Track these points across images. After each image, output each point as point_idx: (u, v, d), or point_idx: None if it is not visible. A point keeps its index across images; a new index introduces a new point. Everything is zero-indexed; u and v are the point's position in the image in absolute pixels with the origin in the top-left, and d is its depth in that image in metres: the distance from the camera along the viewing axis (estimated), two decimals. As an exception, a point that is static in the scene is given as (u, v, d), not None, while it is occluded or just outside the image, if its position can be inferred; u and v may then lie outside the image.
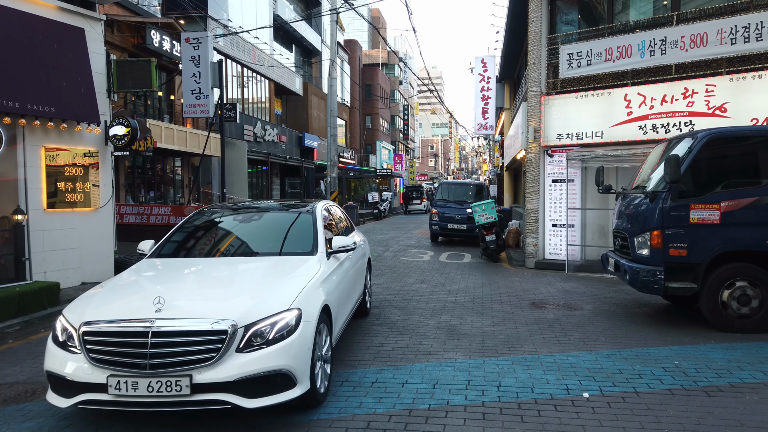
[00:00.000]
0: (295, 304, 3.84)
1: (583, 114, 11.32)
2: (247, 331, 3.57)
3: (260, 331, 3.60)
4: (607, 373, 4.92)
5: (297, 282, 4.17)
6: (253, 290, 4.06)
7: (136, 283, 4.44)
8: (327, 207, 6.15)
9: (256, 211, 5.98)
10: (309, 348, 3.81)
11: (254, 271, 4.60)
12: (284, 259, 4.80)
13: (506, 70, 21.76)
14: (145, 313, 3.57)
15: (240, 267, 4.72)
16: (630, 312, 7.43)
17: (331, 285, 4.71)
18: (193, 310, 3.73)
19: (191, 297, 4.06)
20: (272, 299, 3.85)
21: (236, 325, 3.53)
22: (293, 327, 3.72)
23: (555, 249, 11.82)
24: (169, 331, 3.47)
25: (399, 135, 58.14)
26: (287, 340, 3.65)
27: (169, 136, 16.73)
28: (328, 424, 3.88)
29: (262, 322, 3.64)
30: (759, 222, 6.12)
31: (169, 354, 3.43)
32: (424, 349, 5.69)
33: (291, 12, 30.47)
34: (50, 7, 8.16)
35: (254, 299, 3.84)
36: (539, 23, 12.06)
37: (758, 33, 9.43)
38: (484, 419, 3.95)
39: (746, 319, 6.22)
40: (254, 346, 3.56)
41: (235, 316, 3.57)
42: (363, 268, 6.68)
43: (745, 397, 4.35)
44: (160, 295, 3.69)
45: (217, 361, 3.46)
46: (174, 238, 5.37)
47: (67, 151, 8.43)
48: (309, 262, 4.69)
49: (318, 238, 5.09)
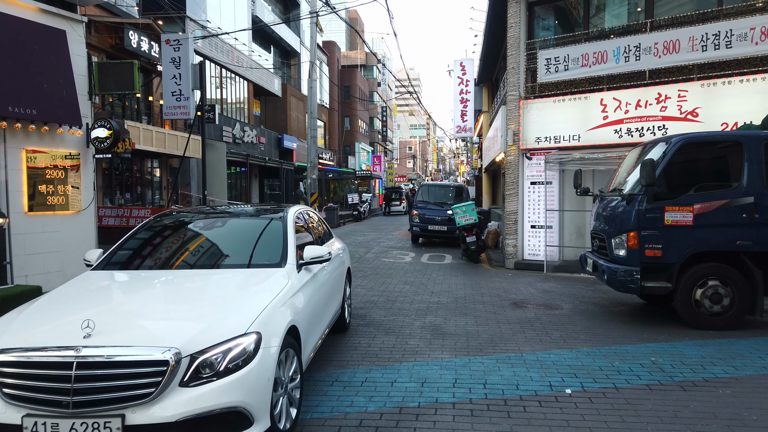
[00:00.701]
0: (254, 328, 3.33)
1: (560, 118, 11.59)
2: (194, 361, 3.05)
3: (210, 361, 3.08)
4: (588, 369, 5.11)
5: (258, 300, 3.67)
6: (205, 311, 3.52)
7: (68, 302, 3.79)
8: (301, 213, 5.63)
9: (222, 216, 5.47)
10: (269, 379, 3.32)
11: (210, 288, 4.04)
12: (247, 272, 4.25)
13: (484, 74, 22.06)
14: (70, 340, 3.03)
15: (194, 282, 4.11)
16: (608, 311, 7.66)
17: (301, 301, 4.22)
18: (129, 336, 3.16)
19: (129, 319, 3.45)
20: (226, 322, 3.33)
21: (180, 354, 3.00)
22: (251, 355, 3.22)
23: (534, 250, 12.07)
24: (98, 361, 2.94)
25: (377, 136, 58.29)
26: (242, 371, 3.14)
27: (147, 138, 16.59)
28: (321, 422, 3.98)
29: (213, 349, 3.11)
30: (730, 223, 6.40)
31: (97, 389, 2.91)
32: (410, 348, 5.82)
33: (269, 13, 30.39)
34: (31, 9, 8.09)
35: (204, 322, 3.31)
36: (518, 28, 12.30)
37: (728, 41, 9.79)
38: (472, 416, 4.09)
39: (718, 317, 6.49)
40: (202, 379, 3.04)
41: (179, 343, 3.05)
42: (341, 279, 6.15)
43: (718, 391, 4.56)
44: (89, 318, 3.12)
45: (156, 397, 2.93)
46: (126, 247, 4.83)
47: (48, 154, 8.36)
48: (275, 275, 4.16)
49: (288, 248, 4.56)
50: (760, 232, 6.34)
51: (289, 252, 4.53)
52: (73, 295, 3.95)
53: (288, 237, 4.71)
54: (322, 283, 5.06)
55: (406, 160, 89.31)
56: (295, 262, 4.49)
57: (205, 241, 5.00)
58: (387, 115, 61.93)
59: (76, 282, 4.25)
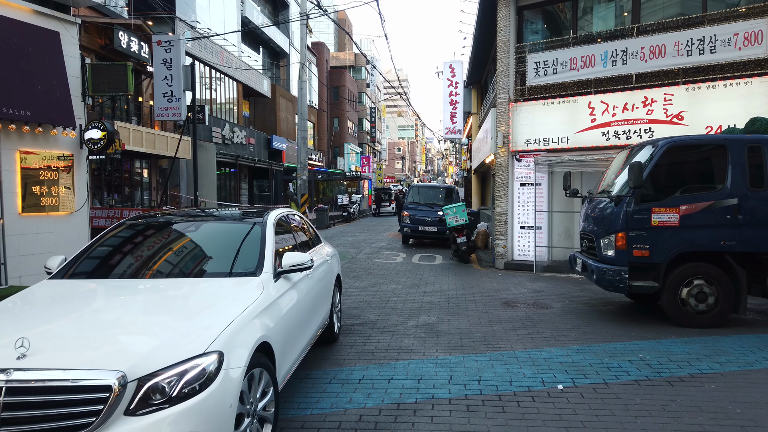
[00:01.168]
0: (216, 346, 2.97)
1: (549, 120, 11.78)
2: (142, 386, 2.69)
3: (161, 386, 2.72)
4: (579, 366, 5.26)
5: (225, 314, 3.31)
6: (160, 327, 3.17)
7: (7, 317, 3.40)
8: (284, 217, 5.26)
9: (196, 221, 5.08)
10: (232, 406, 2.95)
11: (171, 300, 3.66)
12: (217, 282, 3.88)
13: (474, 76, 22.26)
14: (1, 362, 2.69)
15: (154, 294, 3.76)
16: (596, 310, 7.84)
17: (277, 314, 3.87)
18: (69, 357, 2.78)
19: (72, 337, 3.03)
20: (183, 340, 2.97)
21: (125, 378, 2.65)
22: (210, 377, 2.86)
23: (523, 250, 12.25)
24: (30, 387, 2.60)
25: (366, 137, 58.41)
26: (199, 396, 2.78)
27: (137, 139, 16.57)
28: (321, 418, 4.09)
29: (165, 372, 2.75)
30: (714, 224, 6.59)
31: (28, 419, 2.57)
32: (405, 347, 5.94)
33: (259, 14, 30.39)
34: (25, 11, 8.11)
35: (158, 340, 2.97)
36: (507, 32, 12.48)
37: (712, 46, 10.04)
38: (468, 411, 4.22)
39: (703, 315, 6.68)
40: (152, 406, 2.69)
41: (125, 365, 2.69)
42: (329, 287, 5.79)
43: (703, 386, 4.73)
44: (26, 336, 2.78)
45: (96, 428, 2.58)
46: (89, 253, 4.44)
47: (42, 155, 8.38)
48: (248, 285, 3.82)
49: (264, 256, 4.19)
50: (744, 233, 6.55)
51: (265, 259, 4.16)
52: (16, 309, 3.54)
53: (265, 243, 4.34)
54: (305, 293, 4.70)
55: (395, 161, 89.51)
56: (272, 271, 4.12)
57: (174, 247, 4.63)
58: (376, 116, 62.08)
59: (26, 293, 3.86)
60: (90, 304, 3.71)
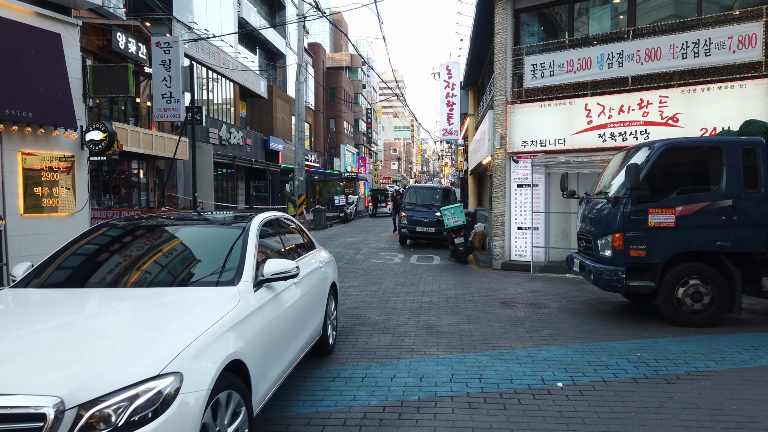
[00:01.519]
0: (174, 366, 2.58)
1: (546, 122, 11.89)
2: (84, 413, 2.32)
3: (107, 413, 2.35)
4: (577, 365, 5.36)
5: (190, 327, 2.93)
6: (113, 343, 2.78)
7: None
8: (272, 221, 4.94)
9: (175, 225, 4.68)
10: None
11: (132, 311, 3.30)
12: (188, 292, 3.54)
13: (470, 77, 22.39)
14: None
15: (117, 304, 3.42)
16: (593, 309, 7.94)
17: (254, 328, 3.46)
18: (3, 380, 2.41)
19: (11, 357, 2.65)
20: (136, 359, 2.59)
21: (63, 405, 2.29)
22: (168, 402, 2.48)
23: (520, 251, 12.35)
24: None
25: (362, 138, 58.50)
26: (153, 425, 2.40)
27: (134, 140, 16.61)
28: (327, 415, 4.16)
29: (112, 397, 2.38)
30: (710, 225, 6.71)
31: None
32: (407, 346, 6.02)
33: (255, 15, 30.43)
34: (27, 12, 8.15)
35: (107, 359, 2.57)
36: (505, 35, 12.59)
37: (707, 48, 10.17)
38: (470, 408, 4.30)
39: (699, 314, 6.79)
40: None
41: (63, 390, 2.33)
42: (322, 296, 5.39)
43: (700, 383, 4.84)
44: None
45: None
46: (57, 261, 4.08)
47: (43, 156, 8.42)
48: (222, 296, 3.45)
49: (244, 263, 3.83)
50: (738, 234, 6.66)
51: (245, 267, 3.80)
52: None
53: (247, 249, 3.98)
54: (291, 303, 4.31)
55: (391, 161, 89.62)
56: (252, 280, 3.76)
57: (145, 254, 4.24)
58: (372, 117, 62.17)
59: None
60: (44, 316, 3.28)
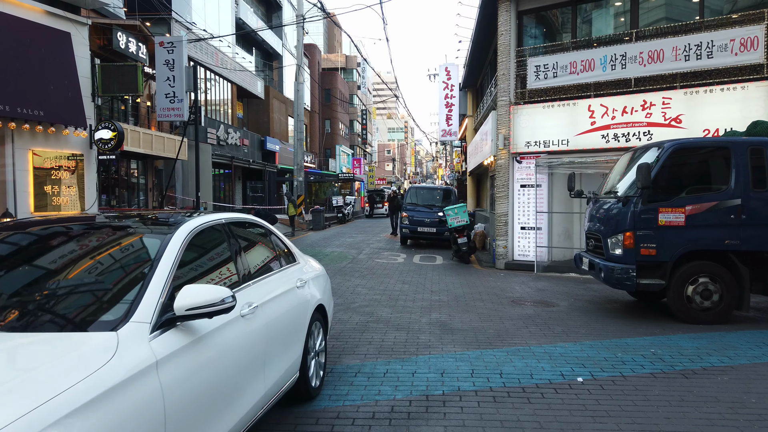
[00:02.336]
0: None
1: (550, 123, 11.99)
2: None
3: None
4: (594, 360, 5.43)
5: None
6: None
7: None
8: (222, 227, 3.57)
9: (65, 231, 3.26)
10: None
11: None
12: (28, 341, 2.28)
13: (469, 79, 22.50)
14: None
15: None
16: (602, 307, 8.03)
17: (140, 399, 2.17)
18: None
19: None
20: None
21: None
22: None
23: (524, 251, 12.44)
24: None
25: (357, 139, 58.55)
26: None
27: (134, 139, 16.53)
28: (355, 409, 4.21)
29: None
30: (719, 224, 6.81)
31: None
32: (423, 342, 6.07)
33: (252, 15, 30.42)
34: (38, 11, 8.15)
35: None
36: (508, 36, 12.69)
37: (709, 51, 10.31)
38: (495, 401, 4.36)
39: (708, 312, 6.90)
40: None
41: None
42: (299, 325, 4.10)
43: (717, 378, 4.92)
44: None
45: None
46: None
47: (54, 155, 8.42)
48: (79, 351, 2.17)
49: (144, 294, 2.55)
50: (747, 233, 6.77)
51: (143, 300, 2.52)
52: None
53: (155, 273, 2.69)
54: (233, 346, 3.03)
55: (385, 163, 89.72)
56: (152, 319, 2.47)
57: (7, 276, 2.87)
58: (367, 119, 62.24)
59: None
60: None
